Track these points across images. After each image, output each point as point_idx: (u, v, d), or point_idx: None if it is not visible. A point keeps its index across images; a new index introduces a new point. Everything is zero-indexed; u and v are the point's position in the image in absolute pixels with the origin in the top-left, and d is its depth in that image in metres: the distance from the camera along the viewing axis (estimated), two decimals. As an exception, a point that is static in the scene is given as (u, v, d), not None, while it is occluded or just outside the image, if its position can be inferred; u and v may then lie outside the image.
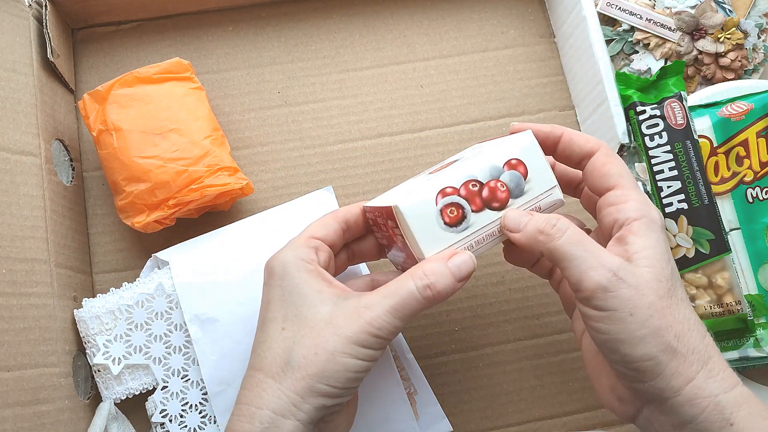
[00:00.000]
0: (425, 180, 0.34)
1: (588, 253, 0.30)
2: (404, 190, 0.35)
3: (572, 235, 0.31)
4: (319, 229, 0.35)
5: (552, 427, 0.45)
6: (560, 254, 0.31)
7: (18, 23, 0.44)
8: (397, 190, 0.37)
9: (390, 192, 0.38)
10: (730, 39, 0.50)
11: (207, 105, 0.46)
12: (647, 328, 0.29)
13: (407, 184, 0.37)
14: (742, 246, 0.46)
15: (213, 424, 0.42)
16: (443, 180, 0.33)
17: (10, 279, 0.39)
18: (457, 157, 0.38)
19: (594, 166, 0.34)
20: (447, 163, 0.38)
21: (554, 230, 0.31)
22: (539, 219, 0.32)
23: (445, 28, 0.53)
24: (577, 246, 0.30)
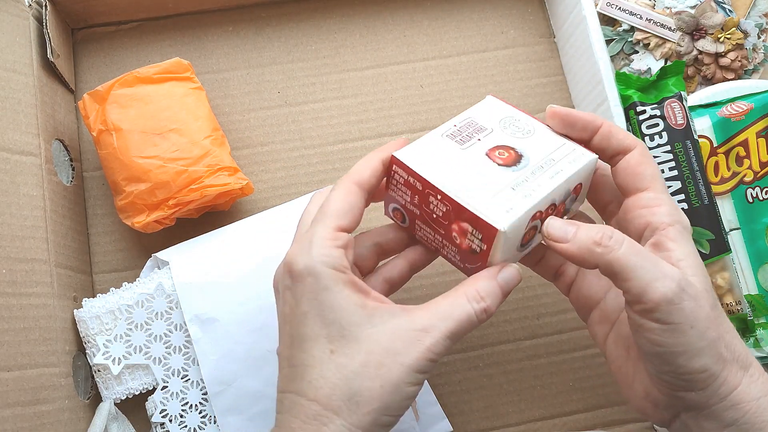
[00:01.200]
0: (509, 188, 0.32)
1: (650, 263, 0.29)
2: (492, 202, 0.31)
3: (631, 246, 0.30)
4: (344, 218, 0.31)
5: (552, 427, 0.45)
6: (621, 266, 0.29)
7: (18, 23, 0.44)
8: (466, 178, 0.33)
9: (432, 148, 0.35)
10: (730, 39, 0.50)
11: (207, 105, 0.46)
12: (705, 341, 0.29)
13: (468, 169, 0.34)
14: (742, 246, 0.46)
15: (213, 424, 0.42)
16: (536, 202, 0.31)
17: (10, 279, 0.39)
18: (484, 124, 0.36)
19: (629, 164, 0.33)
20: (466, 122, 0.36)
21: (612, 241, 0.29)
22: (591, 229, 0.30)
23: (445, 28, 0.53)
24: (639, 257, 0.29)
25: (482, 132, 0.35)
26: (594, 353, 0.46)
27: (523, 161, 0.33)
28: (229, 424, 0.42)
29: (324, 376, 0.29)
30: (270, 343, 0.42)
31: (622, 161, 0.33)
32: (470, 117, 0.36)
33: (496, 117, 0.36)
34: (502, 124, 0.36)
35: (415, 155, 0.33)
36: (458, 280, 0.32)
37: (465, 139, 0.35)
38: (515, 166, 0.33)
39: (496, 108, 0.37)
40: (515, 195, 0.32)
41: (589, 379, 0.46)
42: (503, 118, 0.36)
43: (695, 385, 0.29)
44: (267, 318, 0.42)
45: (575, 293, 0.37)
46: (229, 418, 0.42)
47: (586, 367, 0.46)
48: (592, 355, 0.46)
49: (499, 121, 0.36)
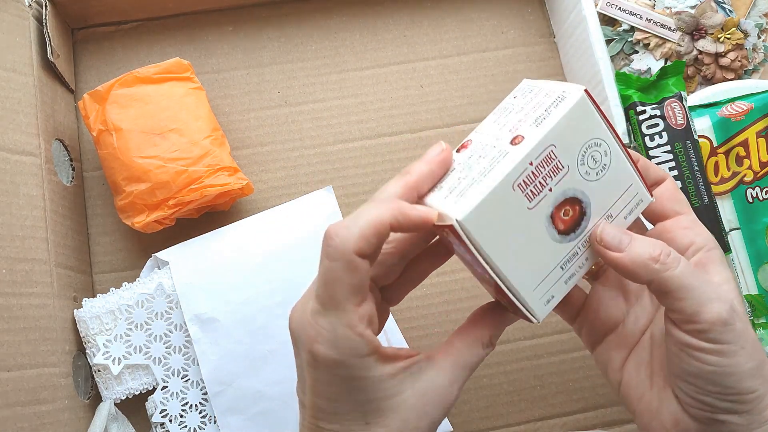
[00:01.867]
0: (558, 267, 0.30)
1: (705, 284, 0.29)
2: (537, 288, 0.29)
3: (687, 265, 0.29)
4: (355, 295, 0.28)
5: (552, 427, 0.45)
6: (677, 285, 0.28)
7: (18, 23, 0.44)
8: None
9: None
10: (730, 39, 0.50)
11: (207, 105, 0.46)
12: (754, 362, 0.29)
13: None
14: (741, 246, 0.46)
15: (213, 424, 0.42)
16: (577, 282, 0.30)
17: (10, 279, 0.39)
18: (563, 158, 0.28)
19: (667, 189, 0.33)
20: (545, 157, 0.28)
21: (670, 259, 0.29)
22: (648, 243, 0.29)
23: (445, 28, 0.52)
24: (696, 277, 0.29)
25: (557, 174, 0.28)
26: (594, 353, 0.46)
27: (584, 222, 0.29)
28: (229, 424, 0.42)
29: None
30: (270, 343, 0.42)
31: (660, 188, 0.33)
32: (551, 146, 0.28)
33: (579, 142, 0.28)
34: (582, 155, 0.29)
35: (479, 219, 0.27)
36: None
37: (536, 190, 0.28)
38: (574, 232, 0.29)
39: (583, 121, 0.28)
40: (561, 278, 0.30)
41: (589, 379, 0.46)
42: (586, 144, 0.29)
43: (740, 407, 0.29)
44: (267, 318, 0.42)
45: (589, 319, 0.35)
46: (229, 418, 0.42)
47: (586, 367, 0.46)
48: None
49: (579, 151, 0.29)
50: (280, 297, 0.42)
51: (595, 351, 0.35)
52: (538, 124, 0.28)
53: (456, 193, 0.28)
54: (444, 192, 0.28)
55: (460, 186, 0.28)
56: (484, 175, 0.27)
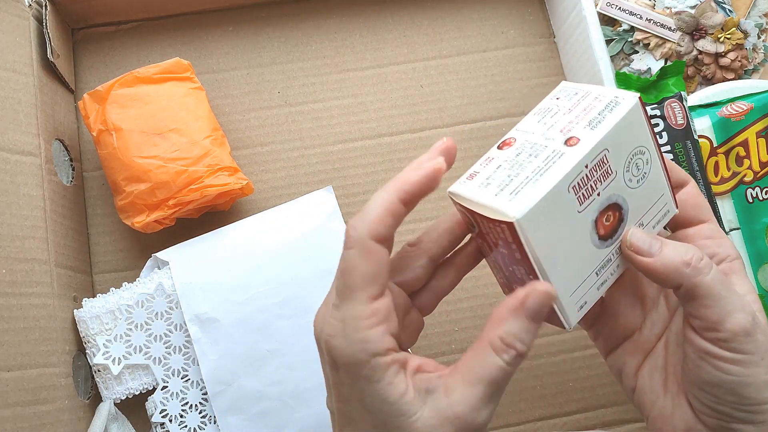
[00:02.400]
0: (594, 273, 0.29)
1: (733, 293, 0.29)
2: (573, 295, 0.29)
3: (718, 272, 0.29)
4: (372, 283, 0.27)
5: (552, 427, 0.45)
6: (705, 291, 0.28)
7: (18, 23, 0.44)
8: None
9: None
10: (730, 39, 0.50)
11: (207, 105, 0.46)
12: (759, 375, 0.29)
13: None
14: (742, 246, 0.46)
15: (213, 424, 0.42)
16: (608, 289, 0.30)
17: (10, 279, 0.39)
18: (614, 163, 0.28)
19: (689, 197, 0.33)
20: (599, 160, 0.28)
21: (702, 264, 0.29)
22: (680, 248, 0.29)
23: (445, 28, 0.52)
24: (724, 285, 0.29)
25: (606, 180, 0.28)
26: (594, 353, 0.46)
27: (620, 229, 0.29)
28: (229, 424, 0.42)
29: None
30: (270, 343, 0.42)
31: (682, 193, 0.33)
32: (605, 150, 0.28)
33: (628, 148, 0.29)
34: (628, 162, 0.29)
35: (534, 220, 0.26)
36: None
37: (587, 194, 0.28)
38: (611, 238, 0.29)
39: (633, 128, 0.29)
40: (594, 284, 0.29)
41: (589, 379, 0.46)
42: (633, 151, 0.29)
43: (756, 417, 0.29)
44: (267, 318, 0.42)
45: (608, 325, 0.34)
46: (229, 418, 0.42)
47: (586, 367, 0.46)
48: (592, 355, 0.46)
49: (627, 157, 0.29)
50: (280, 297, 0.42)
51: (610, 357, 0.35)
52: (593, 127, 0.28)
53: (509, 191, 0.27)
54: (493, 189, 0.28)
55: (513, 183, 0.27)
56: (539, 174, 0.27)
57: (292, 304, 0.43)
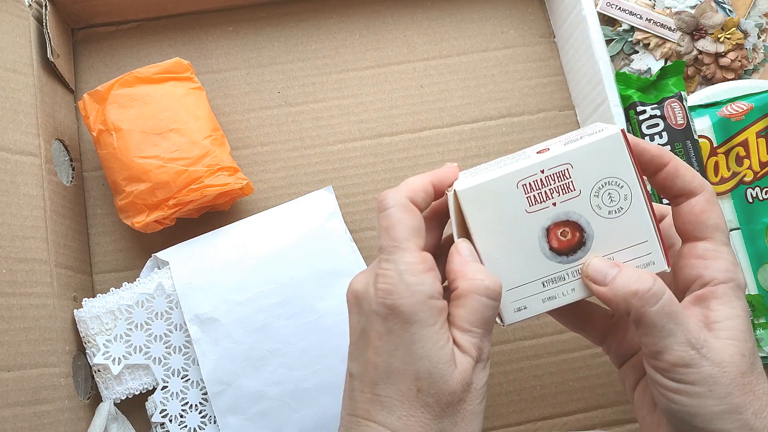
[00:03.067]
0: (540, 282, 0.30)
1: (677, 326, 0.28)
2: (511, 292, 0.30)
3: (666, 305, 0.29)
4: (419, 236, 0.30)
5: (552, 427, 0.45)
6: (648, 322, 0.29)
7: (18, 23, 0.44)
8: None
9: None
10: (730, 39, 0.50)
11: (207, 105, 0.46)
12: (725, 405, 0.28)
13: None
14: (741, 246, 0.46)
15: (213, 424, 0.42)
16: (557, 307, 0.31)
17: (10, 279, 0.39)
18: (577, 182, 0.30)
19: (692, 209, 0.31)
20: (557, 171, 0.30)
21: (649, 295, 0.29)
22: (631, 277, 0.29)
23: (445, 28, 0.53)
24: (669, 319, 0.29)
25: (565, 194, 0.30)
26: (594, 353, 0.46)
27: (580, 252, 0.30)
28: (229, 424, 0.42)
29: (414, 414, 0.28)
30: (270, 343, 0.42)
31: (685, 205, 0.31)
32: (568, 164, 0.29)
33: (598, 173, 0.30)
34: (597, 188, 0.30)
35: (476, 198, 0.30)
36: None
37: (539, 198, 0.30)
38: (567, 255, 0.30)
39: (609, 157, 0.30)
40: (539, 294, 0.30)
41: (589, 379, 0.46)
42: (605, 179, 0.30)
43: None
44: (267, 318, 0.42)
45: (616, 341, 0.35)
46: (229, 418, 0.42)
47: (586, 367, 0.46)
48: (592, 355, 0.46)
49: (595, 184, 0.30)
50: (280, 297, 0.42)
51: (619, 371, 0.35)
52: (565, 144, 0.30)
53: (471, 174, 0.31)
54: (468, 175, 0.32)
55: (480, 173, 0.31)
56: (499, 167, 0.30)
57: (292, 304, 0.43)
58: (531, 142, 0.50)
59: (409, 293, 0.28)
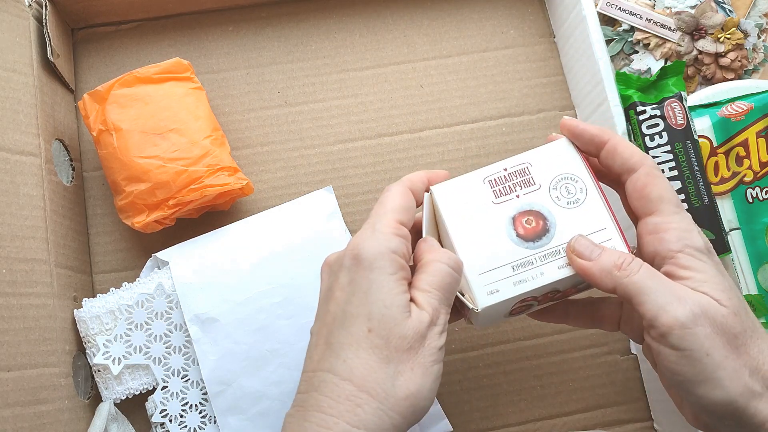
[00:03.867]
0: (510, 266, 0.33)
1: (664, 287, 0.29)
2: (483, 275, 0.33)
3: (647, 270, 0.30)
4: (403, 213, 0.32)
5: (552, 427, 0.45)
6: (637, 288, 0.29)
7: (18, 23, 0.44)
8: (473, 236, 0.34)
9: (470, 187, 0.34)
10: (730, 39, 0.50)
11: (207, 105, 0.46)
12: (723, 370, 0.28)
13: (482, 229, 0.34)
14: (741, 246, 0.46)
15: (213, 424, 0.42)
16: (527, 291, 0.32)
17: (10, 279, 0.39)
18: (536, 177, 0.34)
19: (634, 187, 0.32)
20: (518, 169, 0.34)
21: (631, 266, 0.30)
22: (613, 254, 0.31)
23: (445, 28, 0.52)
24: (654, 281, 0.29)
25: (527, 187, 0.34)
26: (594, 353, 0.46)
27: (545, 238, 0.33)
28: (229, 424, 0.42)
29: (359, 356, 0.29)
30: (270, 343, 0.42)
31: (628, 183, 0.33)
32: (527, 163, 0.34)
33: (555, 171, 0.34)
34: (555, 182, 0.34)
35: (448, 192, 0.34)
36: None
37: (504, 191, 0.34)
38: (533, 241, 0.33)
39: (562, 158, 0.35)
40: (510, 278, 0.32)
41: (589, 379, 0.46)
42: (561, 175, 0.34)
43: (723, 419, 0.28)
44: (267, 318, 0.42)
45: (630, 324, 0.36)
46: (229, 418, 0.42)
47: (586, 367, 0.46)
48: (592, 355, 0.46)
49: (553, 178, 0.34)
50: (280, 297, 0.42)
51: (643, 347, 0.35)
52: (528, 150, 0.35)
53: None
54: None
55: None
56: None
57: (292, 304, 0.43)
58: (531, 142, 0.50)
59: (375, 243, 0.30)
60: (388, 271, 0.30)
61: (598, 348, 0.46)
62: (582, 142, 0.34)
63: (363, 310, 0.30)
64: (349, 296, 0.30)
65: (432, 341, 0.30)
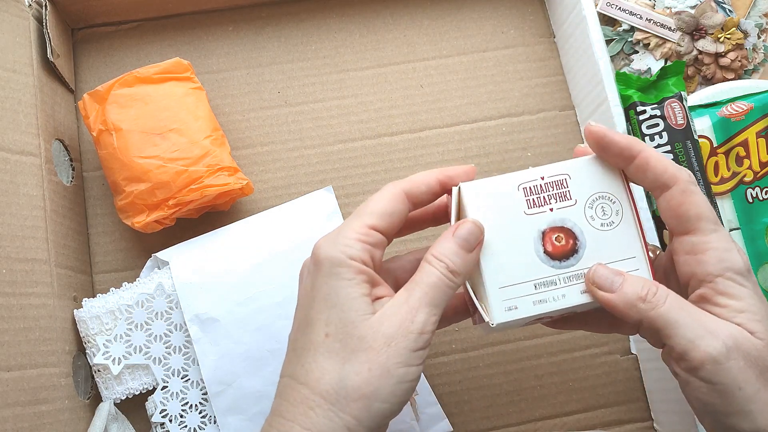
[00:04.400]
0: (532, 284, 0.31)
1: (694, 320, 0.28)
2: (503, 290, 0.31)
3: (675, 301, 0.29)
4: (382, 217, 0.31)
5: (552, 427, 0.45)
6: (665, 322, 0.28)
7: (18, 23, 0.44)
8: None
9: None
10: (730, 39, 0.50)
11: (207, 105, 0.46)
12: (755, 403, 0.27)
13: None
14: (742, 246, 0.46)
15: (213, 424, 0.42)
16: (546, 312, 0.31)
17: (10, 279, 0.39)
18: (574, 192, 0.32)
19: (669, 204, 0.30)
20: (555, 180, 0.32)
21: (656, 297, 0.29)
22: (637, 283, 0.29)
23: (445, 28, 0.52)
24: (683, 312, 0.28)
25: (562, 202, 0.32)
26: (594, 353, 0.46)
27: (572, 259, 0.31)
28: (229, 424, 0.42)
29: (316, 360, 0.29)
30: (270, 343, 0.42)
31: (662, 199, 0.31)
32: (566, 175, 0.32)
33: (593, 187, 0.32)
34: (591, 200, 0.32)
35: (478, 193, 0.32)
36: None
37: (538, 202, 0.32)
38: (560, 261, 0.31)
39: (603, 174, 0.32)
40: (531, 296, 0.31)
41: (589, 379, 0.46)
42: (599, 193, 0.32)
43: None
44: (267, 318, 0.42)
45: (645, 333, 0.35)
46: (229, 418, 0.42)
47: (586, 367, 0.46)
48: (592, 355, 0.46)
49: (590, 196, 0.32)
50: (280, 297, 0.42)
51: (662, 351, 0.34)
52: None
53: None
54: None
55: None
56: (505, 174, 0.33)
57: (292, 304, 0.42)
58: (531, 142, 0.50)
59: (334, 248, 0.30)
60: (345, 277, 0.29)
61: (598, 348, 0.46)
62: (610, 154, 0.31)
63: (322, 315, 0.29)
64: (310, 301, 0.30)
65: (402, 341, 0.28)
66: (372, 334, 0.28)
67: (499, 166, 0.49)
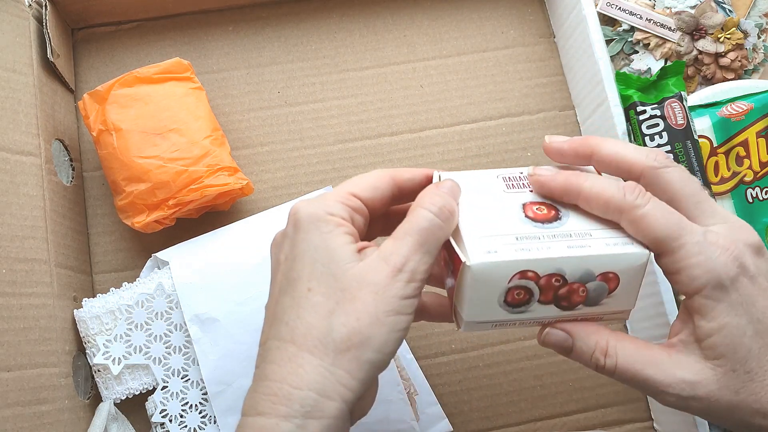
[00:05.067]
0: (513, 236, 0.30)
1: (649, 375, 0.29)
2: (483, 239, 0.30)
3: (628, 353, 0.30)
4: (364, 189, 0.31)
5: (552, 427, 0.45)
6: (624, 376, 0.30)
7: (18, 23, 0.44)
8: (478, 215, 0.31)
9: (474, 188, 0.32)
10: (730, 39, 0.50)
11: (207, 105, 0.46)
12: (728, 422, 0.29)
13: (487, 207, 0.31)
14: (742, 246, 0.46)
15: (213, 424, 0.42)
16: (530, 259, 0.29)
17: (10, 279, 0.39)
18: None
19: (629, 231, 0.30)
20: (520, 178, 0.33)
21: (608, 356, 0.30)
22: (587, 339, 0.30)
23: (445, 28, 0.52)
24: (637, 365, 0.29)
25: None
26: (594, 353, 0.46)
27: (555, 223, 0.30)
28: (229, 424, 0.42)
29: (300, 316, 0.28)
30: (270, 343, 0.42)
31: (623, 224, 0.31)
32: None
33: None
34: None
35: (457, 177, 0.32)
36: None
37: (516, 186, 0.32)
38: (542, 223, 0.30)
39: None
40: (512, 245, 0.29)
41: (589, 379, 0.46)
42: None
43: None
44: (267, 318, 0.42)
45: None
46: (229, 418, 0.42)
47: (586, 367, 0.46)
48: (592, 355, 0.46)
49: None
50: (280, 297, 0.42)
51: None
52: None
53: None
54: None
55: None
56: None
57: (292, 304, 0.43)
58: (531, 142, 0.50)
59: (313, 207, 0.29)
60: (326, 230, 0.29)
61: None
62: (569, 161, 0.33)
63: (304, 272, 0.28)
64: (291, 263, 0.29)
65: (392, 289, 0.27)
66: (357, 283, 0.28)
67: (499, 166, 0.49)
